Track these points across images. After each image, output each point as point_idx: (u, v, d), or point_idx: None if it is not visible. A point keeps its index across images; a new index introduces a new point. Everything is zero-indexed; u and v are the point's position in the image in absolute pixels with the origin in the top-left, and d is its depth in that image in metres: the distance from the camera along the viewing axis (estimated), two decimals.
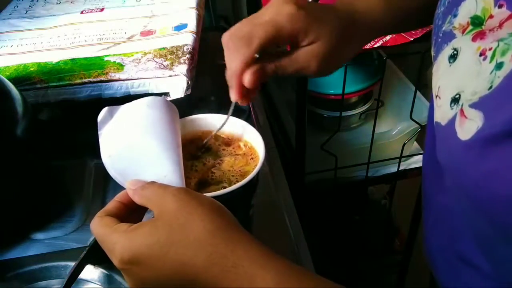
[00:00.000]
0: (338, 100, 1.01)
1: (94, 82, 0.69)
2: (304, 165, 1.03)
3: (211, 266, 0.33)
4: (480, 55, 0.33)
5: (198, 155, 0.51)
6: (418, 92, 0.99)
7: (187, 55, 0.72)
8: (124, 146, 0.43)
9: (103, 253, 0.37)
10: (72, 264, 0.47)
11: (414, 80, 1.04)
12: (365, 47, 0.88)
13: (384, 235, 1.43)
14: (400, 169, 1.09)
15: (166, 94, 0.69)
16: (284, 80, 1.21)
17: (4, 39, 0.82)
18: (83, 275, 0.51)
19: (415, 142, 1.11)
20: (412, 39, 0.87)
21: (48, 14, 0.90)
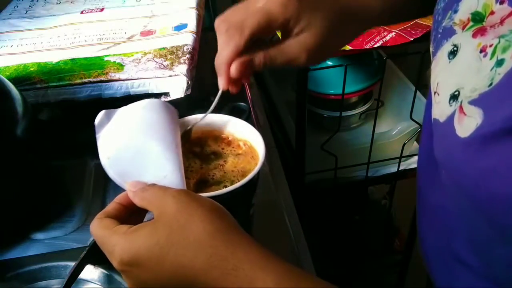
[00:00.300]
0: (338, 100, 1.01)
1: (94, 82, 0.69)
2: (304, 165, 1.03)
3: (211, 269, 0.33)
4: (481, 52, 0.33)
5: (199, 154, 0.51)
6: (418, 92, 0.99)
7: (187, 55, 0.72)
8: (123, 147, 0.43)
9: (103, 253, 0.37)
10: (72, 264, 0.47)
11: (414, 80, 1.03)
12: (365, 47, 0.88)
13: (384, 235, 1.43)
14: (400, 169, 1.09)
15: (166, 94, 0.69)
16: (284, 80, 1.21)
17: (4, 39, 0.82)
18: (83, 275, 0.51)
19: (415, 142, 1.11)
20: (412, 39, 0.87)
21: (48, 14, 0.90)
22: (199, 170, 0.49)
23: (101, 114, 0.45)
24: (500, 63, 0.31)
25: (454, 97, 0.34)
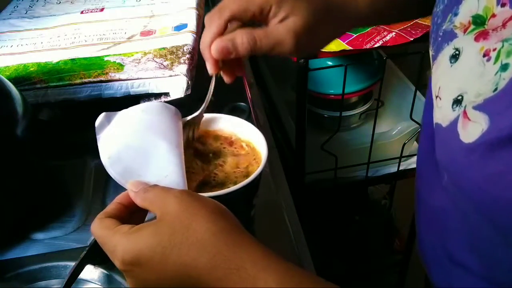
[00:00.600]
0: (338, 100, 1.01)
1: (94, 82, 0.69)
2: (304, 165, 1.03)
3: (214, 268, 0.33)
4: (484, 56, 0.32)
5: (200, 153, 0.51)
6: (418, 92, 0.99)
7: (187, 55, 0.72)
8: (123, 147, 0.43)
9: (103, 253, 0.37)
10: (72, 264, 0.47)
11: (414, 80, 1.03)
12: (365, 47, 0.88)
13: (384, 235, 1.43)
14: (400, 169, 1.09)
15: (166, 94, 0.69)
16: (284, 80, 1.21)
17: (4, 39, 0.82)
18: (83, 275, 0.51)
19: (415, 142, 1.11)
20: (412, 39, 0.87)
21: (48, 14, 0.90)
22: (201, 172, 0.49)
23: (101, 117, 0.45)
24: (505, 68, 0.30)
25: (457, 102, 0.34)
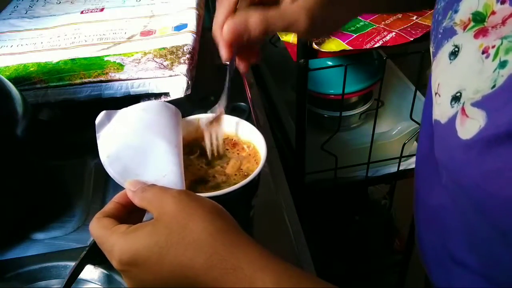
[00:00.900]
0: (338, 100, 1.01)
1: (94, 82, 0.69)
2: (304, 165, 1.03)
3: (211, 269, 0.33)
4: (483, 53, 0.32)
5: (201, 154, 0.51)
6: (418, 92, 0.99)
7: (187, 55, 0.72)
8: (123, 146, 0.43)
9: (103, 253, 0.37)
10: (72, 264, 0.48)
11: (414, 80, 1.03)
12: (365, 47, 0.88)
13: (384, 235, 1.43)
14: (400, 169, 1.09)
15: (166, 94, 0.69)
16: (284, 80, 1.21)
17: (4, 39, 0.82)
18: (83, 275, 0.51)
19: (415, 142, 1.11)
20: (412, 39, 0.87)
21: (48, 14, 0.90)
22: (201, 169, 0.49)
23: (102, 115, 0.45)
24: (503, 65, 0.30)
25: (456, 99, 0.34)
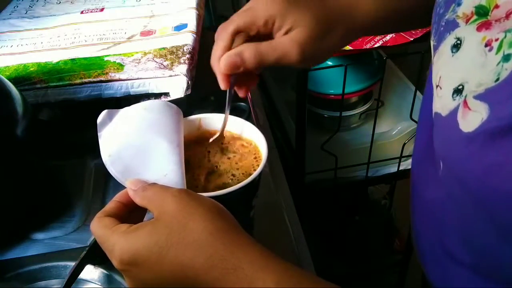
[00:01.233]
0: (338, 100, 1.01)
1: (94, 82, 0.69)
2: (304, 165, 1.03)
3: (211, 268, 0.33)
4: (486, 46, 0.32)
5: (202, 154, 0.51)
6: (418, 92, 0.99)
7: (187, 55, 0.72)
8: (124, 146, 0.43)
9: (103, 253, 0.37)
10: (72, 264, 0.48)
11: (414, 80, 1.04)
12: (365, 47, 0.88)
13: (384, 235, 1.43)
14: (400, 169, 1.09)
15: (166, 94, 0.69)
16: (284, 80, 1.21)
17: (4, 39, 0.82)
18: (83, 275, 0.51)
19: None
20: (412, 39, 0.87)
21: (48, 14, 0.90)
22: (207, 164, 0.50)
23: (103, 114, 0.45)
24: (507, 58, 0.30)
25: (458, 91, 0.34)
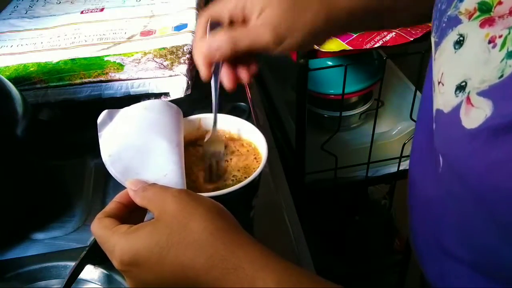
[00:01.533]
0: (338, 100, 1.01)
1: (94, 82, 0.69)
2: (304, 165, 1.03)
3: (211, 268, 0.33)
4: (489, 43, 0.32)
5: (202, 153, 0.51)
6: (418, 92, 0.99)
7: (187, 55, 0.72)
8: (124, 146, 0.43)
9: (103, 253, 0.37)
10: (72, 264, 0.48)
11: (414, 80, 1.04)
12: (365, 47, 0.88)
13: (384, 235, 1.43)
14: (400, 169, 1.09)
15: (166, 94, 0.69)
16: (284, 80, 1.21)
17: (4, 39, 0.82)
18: (83, 275, 0.51)
19: None
20: (412, 39, 0.87)
21: (48, 14, 0.90)
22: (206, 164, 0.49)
23: (104, 114, 0.45)
24: (511, 55, 0.30)
25: (461, 88, 0.34)
